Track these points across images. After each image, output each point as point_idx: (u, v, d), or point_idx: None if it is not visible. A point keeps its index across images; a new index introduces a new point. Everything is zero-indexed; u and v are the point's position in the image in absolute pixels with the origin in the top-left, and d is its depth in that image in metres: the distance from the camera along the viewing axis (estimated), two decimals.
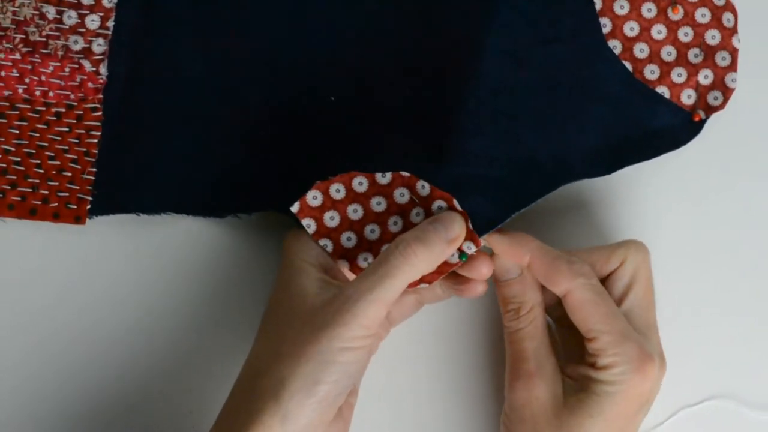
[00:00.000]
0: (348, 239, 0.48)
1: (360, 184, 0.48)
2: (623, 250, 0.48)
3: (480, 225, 0.48)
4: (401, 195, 0.48)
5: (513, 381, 0.47)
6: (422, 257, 0.45)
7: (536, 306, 0.48)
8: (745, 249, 0.53)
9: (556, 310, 0.50)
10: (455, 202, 0.47)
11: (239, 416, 0.43)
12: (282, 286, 0.47)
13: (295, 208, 0.47)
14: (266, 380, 0.43)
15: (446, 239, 0.46)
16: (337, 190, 0.48)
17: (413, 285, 0.46)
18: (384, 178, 0.48)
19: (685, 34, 0.52)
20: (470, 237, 0.47)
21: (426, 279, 0.47)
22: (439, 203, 0.48)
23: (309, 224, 0.47)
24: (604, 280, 0.48)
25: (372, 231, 0.48)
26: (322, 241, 0.48)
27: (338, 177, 0.48)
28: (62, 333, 0.51)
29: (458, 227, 0.46)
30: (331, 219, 0.48)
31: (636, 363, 0.45)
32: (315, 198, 0.47)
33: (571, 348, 0.49)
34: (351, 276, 0.48)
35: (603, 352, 0.46)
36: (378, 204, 0.48)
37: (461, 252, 0.47)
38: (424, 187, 0.48)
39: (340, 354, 0.43)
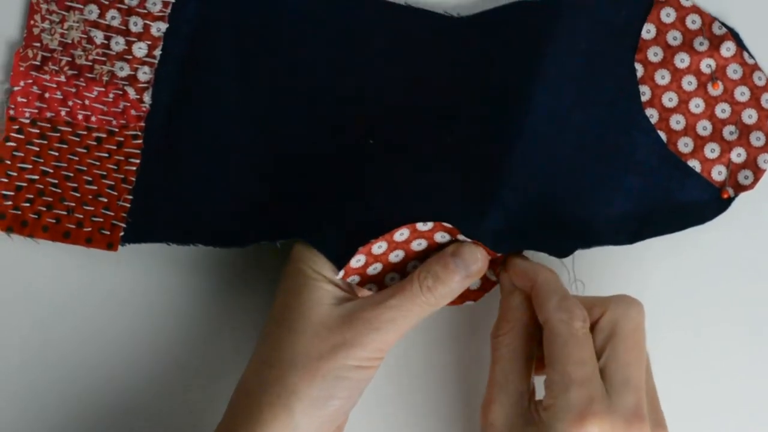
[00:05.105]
0: (392, 279, 0.48)
1: (401, 234, 0.47)
2: (604, 302, 0.46)
3: None
4: (442, 237, 0.47)
5: (483, 401, 0.47)
6: (442, 293, 0.46)
7: (514, 331, 0.47)
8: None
9: None
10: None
11: (245, 422, 0.44)
12: (291, 293, 0.47)
13: (340, 275, 0.46)
14: (276, 389, 0.44)
15: (465, 275, 0.47)
16: (379, 247, 0.47)
17: None
18: (425, 227, 0.47)
19: (722, 111, 0.52)
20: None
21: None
22: None
23: (354, 279, 0.47)
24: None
25: (414, 266, 0.48)
26: (367, 286, 0.48)
27: (381, 237, 0.46)
28: (64, 335, 0.51)
29: (478, 266, 0.47)
30: (374, 269, 0.47)
31: (573, 415, 0.43)
32: (359, 261, 0.47)
33: None
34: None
35: (548, 391, 0.44)
36: (419, 245, 0.47)
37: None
38: (465, 240, 0.47)
39: (355, 372, 0.45)
